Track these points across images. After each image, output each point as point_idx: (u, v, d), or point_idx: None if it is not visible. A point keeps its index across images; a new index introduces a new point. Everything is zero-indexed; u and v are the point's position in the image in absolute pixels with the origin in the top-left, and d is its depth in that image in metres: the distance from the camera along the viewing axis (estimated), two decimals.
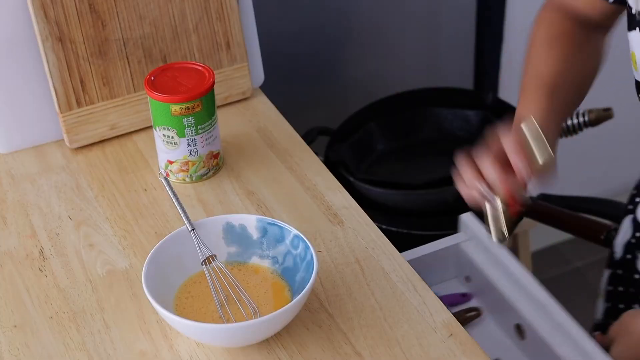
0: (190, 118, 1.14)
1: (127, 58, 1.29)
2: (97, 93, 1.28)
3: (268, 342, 0.96)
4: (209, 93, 1.16)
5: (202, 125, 1.17)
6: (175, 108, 1.13)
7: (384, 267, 1.06)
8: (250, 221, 1.03)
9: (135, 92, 1.30)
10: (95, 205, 1.18)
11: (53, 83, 1.25)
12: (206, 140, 1.18)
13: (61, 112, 1.27)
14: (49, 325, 1.00)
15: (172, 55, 1.31)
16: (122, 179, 1.23)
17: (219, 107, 1.38)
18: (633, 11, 1.02)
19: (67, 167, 1.26)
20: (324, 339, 0.97)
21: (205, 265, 0.99)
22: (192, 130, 1.16)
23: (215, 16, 1.32)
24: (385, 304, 1.01)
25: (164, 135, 1.16)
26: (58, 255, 1.10)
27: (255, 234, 1.03)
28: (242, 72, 1.36)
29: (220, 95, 1.36)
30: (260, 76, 1.41)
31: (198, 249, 0.99)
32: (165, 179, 1.03)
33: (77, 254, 1.10)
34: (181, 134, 1.16)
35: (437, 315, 0.99)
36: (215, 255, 1.00)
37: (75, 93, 1.27)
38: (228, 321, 0.96)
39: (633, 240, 1.24)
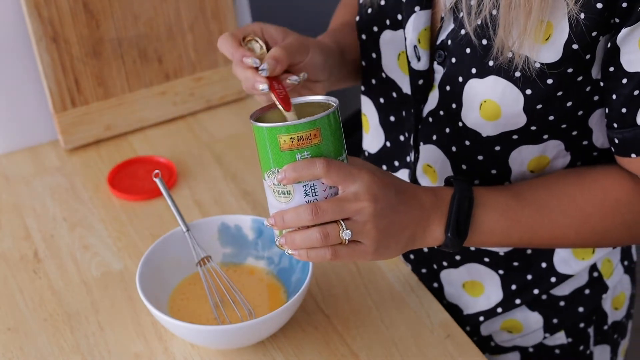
0: (305, 153, 0.80)
1: (122, 58, 1.28)
2: (91, 93, 1.27)
3: (264, 344, 0.95)
4: (329, 116, 0.79)
5: None
6: (285, 139, 0.79)
7: (380, 267, 1.05)
8: (245, 222, 1.02)
9: (130, 92, 1.30)
10: (90, 207, 1.18)
11: (47, 83, 1.24)
12: (331, 187, 0.81)
13: (56, 113, 1.26)
14: (43, 327, 0.99)
15: (167, 55, 1.30)
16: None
17: (215, 107, 1.37)
18: None
19: (62, 168, 1.25)
20: (320, 340, 0.96)
21: (200, 266, 0.98)
22: None
23: (210, 15, 1.32)
24: (381, 304, 1.00)
25: (273, 183, 0.81)
26: (52, 257, 1.09)
27: (250, 235, 1.02)
28: None
29: (215, 95, 1.36)
30: None
31: (193, 250, 0.98)
32: (160, 179, 1.02)
33: (71, 255, 1.09)
34: None
35: (434, 316, 0.98)
36: (210, 257, 0.99)
37: (69, 93, 1.26)
38: (223, 323, 0.95)
39: None
